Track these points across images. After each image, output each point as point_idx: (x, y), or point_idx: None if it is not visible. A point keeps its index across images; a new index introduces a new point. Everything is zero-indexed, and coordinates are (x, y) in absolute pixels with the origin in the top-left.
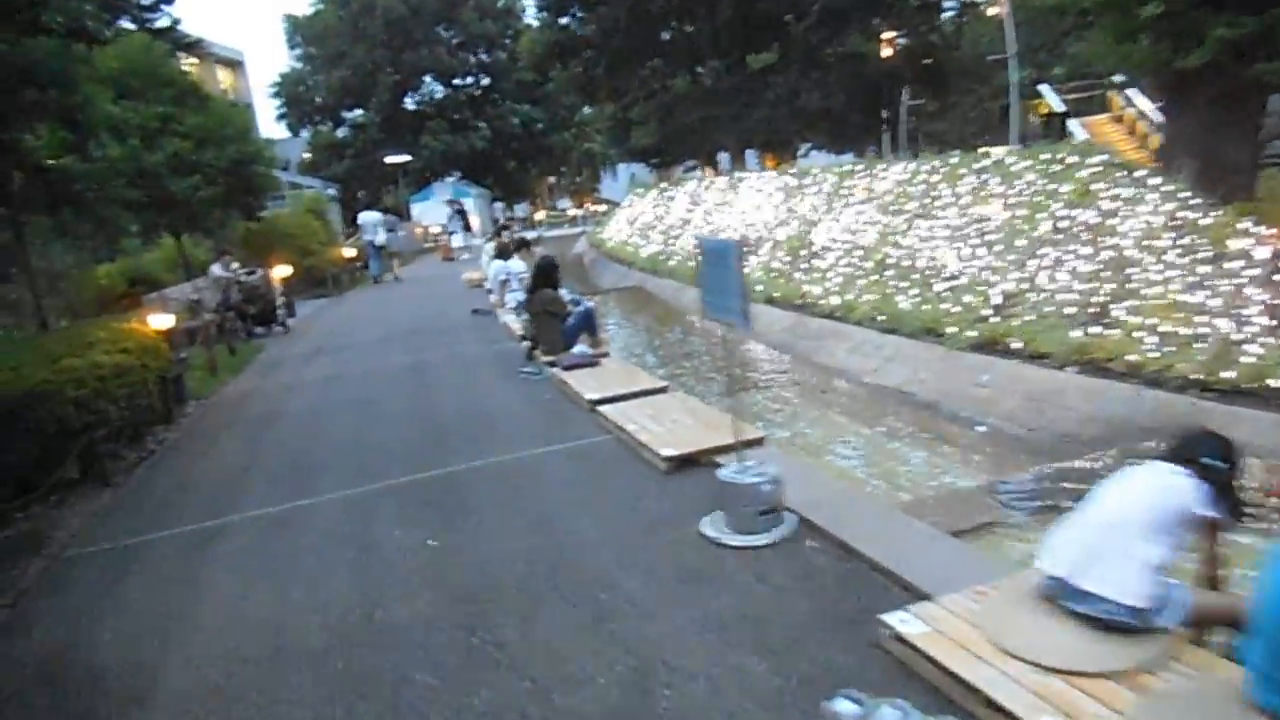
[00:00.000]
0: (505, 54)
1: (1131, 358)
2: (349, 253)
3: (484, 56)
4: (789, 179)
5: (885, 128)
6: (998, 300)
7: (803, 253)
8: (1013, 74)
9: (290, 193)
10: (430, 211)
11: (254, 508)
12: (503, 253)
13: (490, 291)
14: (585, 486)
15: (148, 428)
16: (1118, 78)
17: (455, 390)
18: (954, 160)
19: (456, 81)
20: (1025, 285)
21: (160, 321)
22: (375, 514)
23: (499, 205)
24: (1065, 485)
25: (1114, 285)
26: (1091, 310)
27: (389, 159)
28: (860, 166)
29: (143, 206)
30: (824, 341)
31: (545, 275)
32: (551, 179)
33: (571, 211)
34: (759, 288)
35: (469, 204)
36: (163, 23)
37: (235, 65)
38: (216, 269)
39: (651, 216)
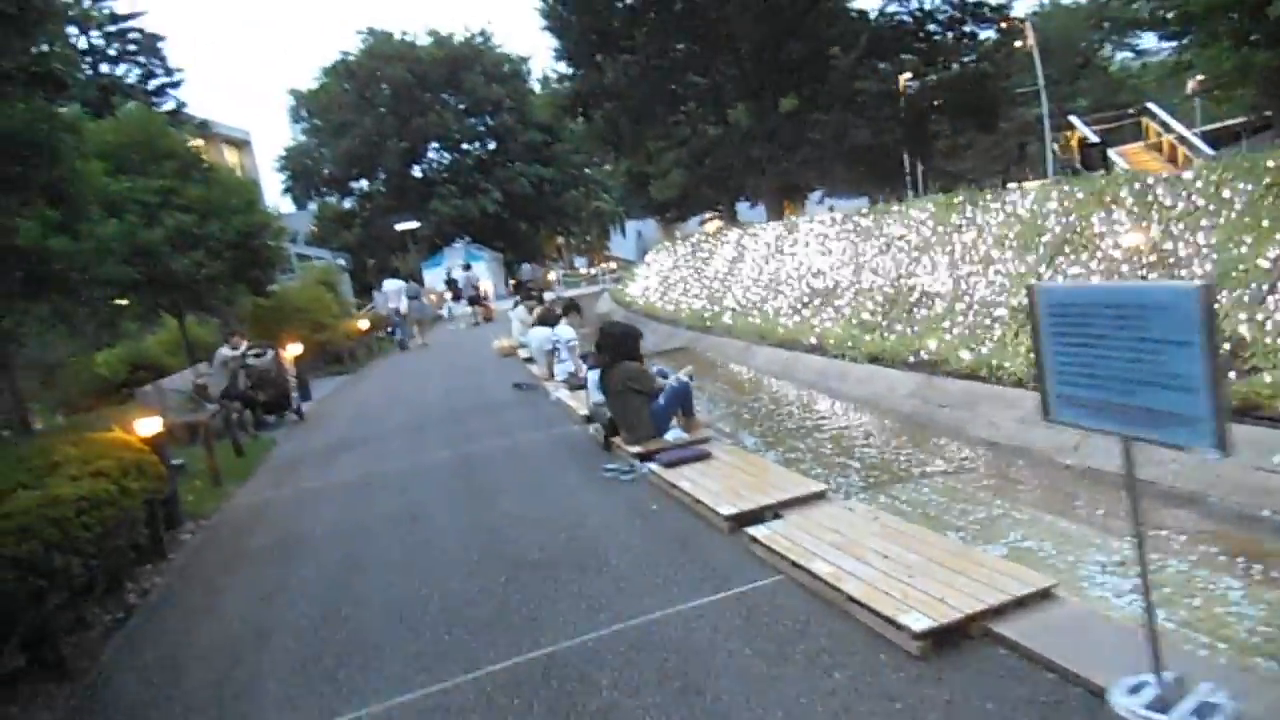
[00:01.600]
0: (512, 117)
1: None
2: (364, 324)
3: (490, 120)
4: (862, 220)
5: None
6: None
7: (899, 301)
8: (1045, 104)
9: (299, 265)
10: (442, 277)
11: None
12: (546, 319)
13: (529, 361)
14: (796, 687)
15: (129, 569)
16: (1151, 105)
17: (525, 499)
18: (1106, 179)
19: (464, 146)
20: (1267, 329)
21: (148, 426)
22: None
23: (528, 266)
24: None
25: None
26: None
27: (399, 225)
28: (960, 198)
29: (140, 286)
30: (975, 409)
31: (624, 345)
32: (560, 239)
33: (585, 270)
34: (848, 344)
35: (481, 268)
36: (168, 106)
37: (242, 145)
38: (224, 351)
39: (687, 270)
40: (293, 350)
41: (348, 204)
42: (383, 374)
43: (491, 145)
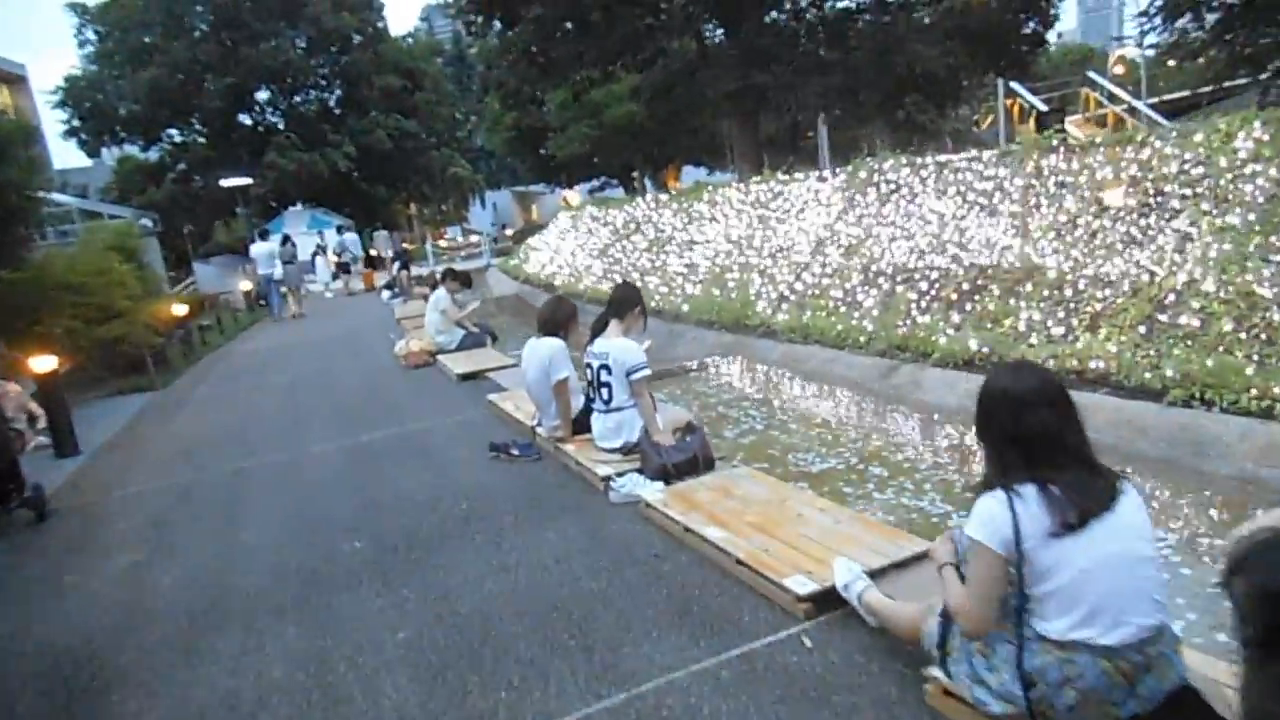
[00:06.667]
0: (365, 55)
1: None
2: (179, 309)
3: (340, 59)
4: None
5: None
6: None
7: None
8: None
9: (89, 225)
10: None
11: None
12: (551, 322)
13: (471, 379)
14: None
15: None
16: (1093, 75)
17: None
18: None
19: (308, 90)
20: None
21: None
22: None
23: (383, 234)
24: None
25: None
26: None
27: (225, 182)
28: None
29: None
30: None
31: None
32: (413, 208)
33: (456, 241)
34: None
35: (350, 238)
36: None
37: (15, 81)
38: None
39: (644, 241)
40: (40, 364)
41: (156, 155)
42: (219, 387)
43: (338, 93)
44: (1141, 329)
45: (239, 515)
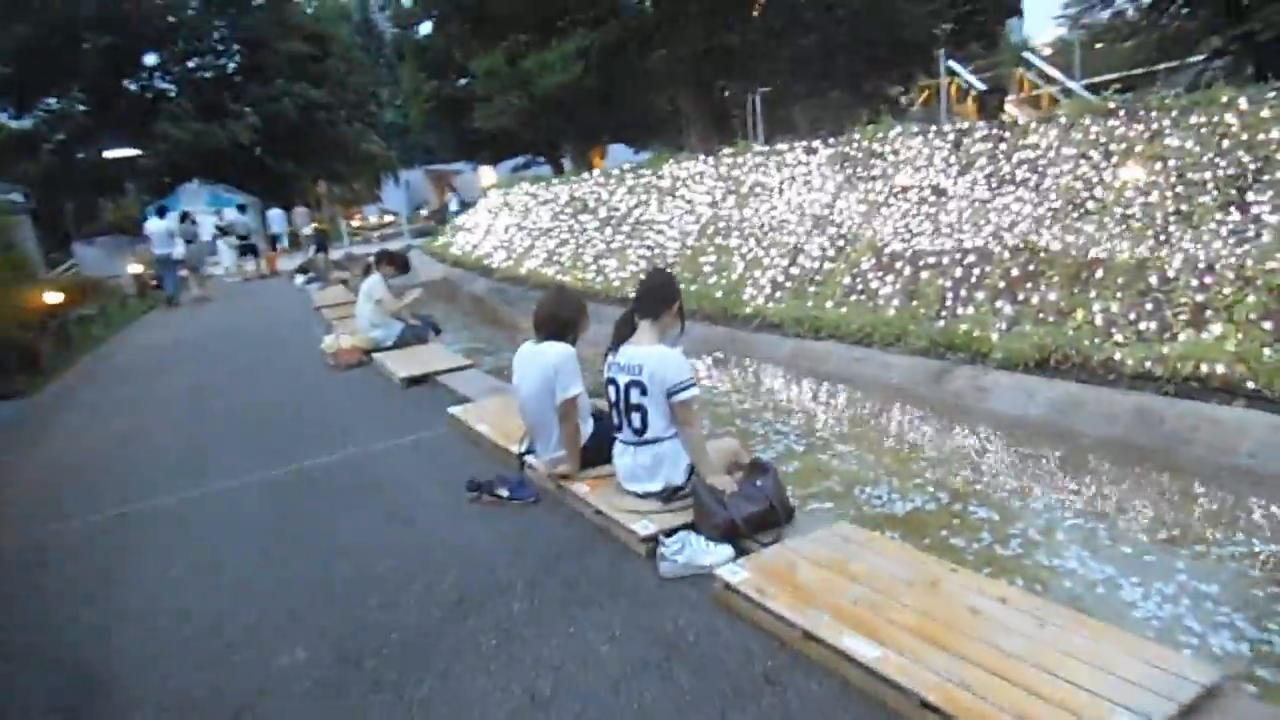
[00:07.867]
0: (267, 17)
1: None
2: (53, 297)
3: (240, 19)
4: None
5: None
6: None
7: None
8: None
9: None
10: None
11: None
12: (556, 321)
13: (419, 383)
14: None
15: None
16: (1030, 55)
17: None
18: None
19: (199, 52)
20: None
21: None
22: None
23: (301, 211)
24: None
25: None
26: None
27: (109, 153)
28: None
29: None
30: None
31: None
32: (322, 186)
33: (372, 220)
34: None
35: (275, 214)
36: None
37: None
38: None
39: (585, 221)
40: None
41: (31, 124)
42: (102, 394)
43: (237, 59)
44: (1267, 324)
45: (118, 599)
